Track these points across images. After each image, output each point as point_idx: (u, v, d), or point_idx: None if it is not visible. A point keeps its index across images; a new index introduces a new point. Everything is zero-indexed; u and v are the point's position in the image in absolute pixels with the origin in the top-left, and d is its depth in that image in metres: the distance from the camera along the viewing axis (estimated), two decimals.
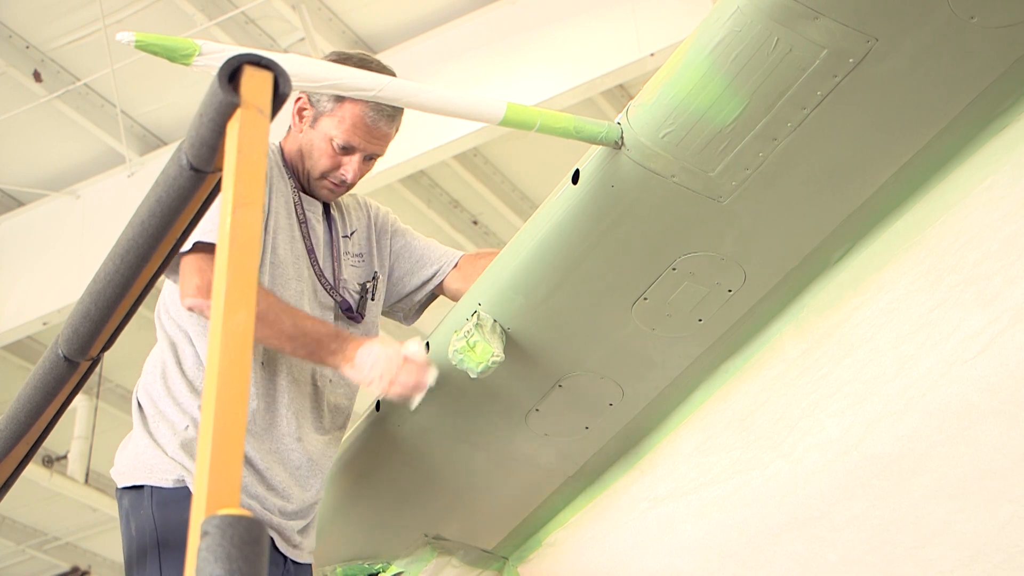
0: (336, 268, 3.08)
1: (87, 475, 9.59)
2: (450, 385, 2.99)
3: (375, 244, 3.21)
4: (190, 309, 2.86)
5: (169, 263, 2.05)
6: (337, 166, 3.03)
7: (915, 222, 2.70)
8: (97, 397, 9.53)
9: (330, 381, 3.06)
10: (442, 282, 3.27)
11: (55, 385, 2.28)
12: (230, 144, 1.70)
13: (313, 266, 3.03)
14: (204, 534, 1.48)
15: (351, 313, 3.08)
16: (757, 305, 2.87)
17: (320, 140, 3.02)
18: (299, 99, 3.06)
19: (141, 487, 2.88)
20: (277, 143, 3.11)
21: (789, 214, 2.72)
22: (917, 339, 2.70)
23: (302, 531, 2.99)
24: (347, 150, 3.01)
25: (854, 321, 2.79)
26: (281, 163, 3.07)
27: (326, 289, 3.04)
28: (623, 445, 3.18)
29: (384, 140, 3.05)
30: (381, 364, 2.83)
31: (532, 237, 2.78)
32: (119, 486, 2.93)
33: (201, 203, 1.86)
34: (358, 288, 3.12)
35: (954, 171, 2.64)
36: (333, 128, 3.00)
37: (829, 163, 2.63)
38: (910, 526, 2.81)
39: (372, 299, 3.15)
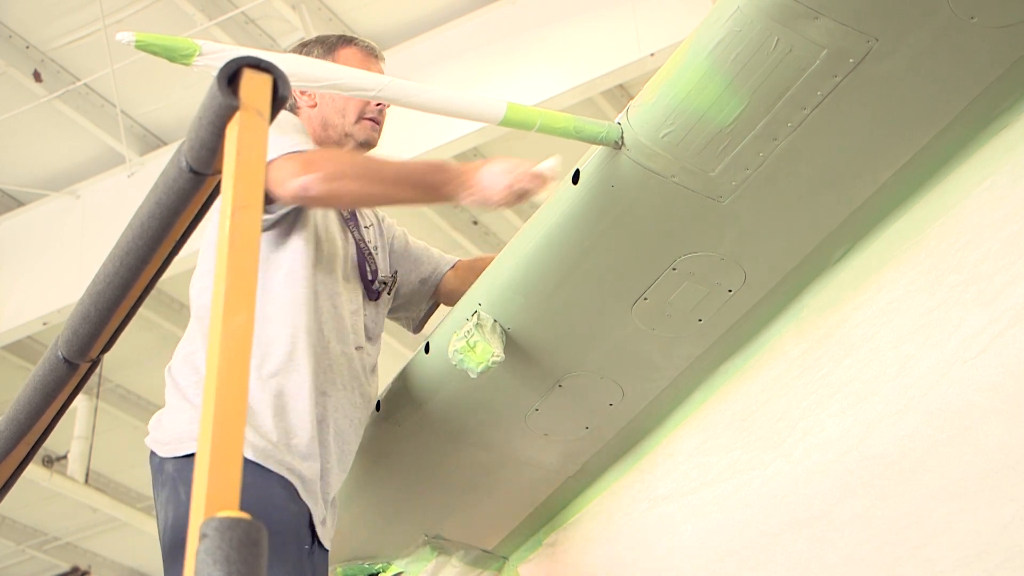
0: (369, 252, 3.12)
1: (87, 475, 9.59)
2: (450, 385, 2.99)
3: (382, 243, 3.21)
4: (298, 194, 2.70)
5: (169, 265, 2.05)
6: (367, 101, 3.08)
7: (915, 222, 2.70)
8: (97, 397, 9.53)
9: (370, 371, 3.04)
10: (440, 283, 3.27)
11: (55, 386, 2.28)
12: (229, 147, 1.70)
13: (358, 243, 3.07)
14: (203, 536, 1.48)
15: (375, 297, 3.08)
16: (757, 305, 2.87)
17: (339, 97, 3.08)
18: None
19: (190, 455, 2.75)
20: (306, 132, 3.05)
21: (789, 214, 2.71)
22: (918, 339, 2.70)
23: (328, 506, 2.92)
24: None
25: (854, 321, 2.79)
26: None
27: (368, 264, 3.06)
28: (623, 445, 3.18)
29: (381, 71, 3.16)
30: (503, 178, 2.67)
31: (532, 237, 2.78)
32: (163, 456, 2.81)
33: (200, 205, 1.86)
34: (385, 278, 3.14)
35: (954, 171, 2.64)
36: None
37: (829, 163, 2.63)
38: (911, 526, 2.81)
39: (388, 293, 3.15)
